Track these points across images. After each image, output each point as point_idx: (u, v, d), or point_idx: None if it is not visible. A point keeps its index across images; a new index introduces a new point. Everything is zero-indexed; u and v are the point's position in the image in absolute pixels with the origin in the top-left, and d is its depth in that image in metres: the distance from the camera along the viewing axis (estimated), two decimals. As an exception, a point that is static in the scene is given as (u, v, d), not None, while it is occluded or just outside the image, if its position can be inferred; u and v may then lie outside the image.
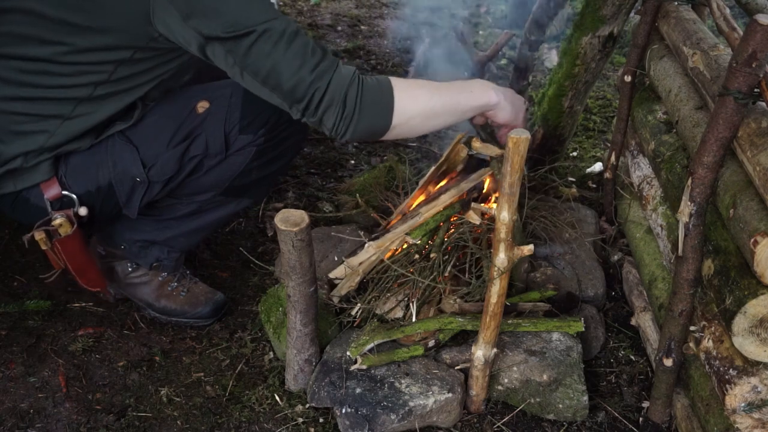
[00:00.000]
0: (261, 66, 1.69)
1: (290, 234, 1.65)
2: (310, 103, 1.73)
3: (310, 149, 3.12)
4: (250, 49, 1.67)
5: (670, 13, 2.14)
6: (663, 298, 1.96)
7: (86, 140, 1.89)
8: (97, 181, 1.92)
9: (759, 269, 1.43)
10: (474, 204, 1.98)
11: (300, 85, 1.70)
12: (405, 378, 1.87)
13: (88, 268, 2.06)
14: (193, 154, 1.93)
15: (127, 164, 1.90)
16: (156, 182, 1.94)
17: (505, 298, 1.74)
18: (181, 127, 1.91)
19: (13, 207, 1.95)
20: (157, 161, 1.92)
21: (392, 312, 2.02)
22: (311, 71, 1.70)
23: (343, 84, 1.73)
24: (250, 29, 1.65)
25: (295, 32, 1.70)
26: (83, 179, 1.92)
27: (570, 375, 1.91)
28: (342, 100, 1.73)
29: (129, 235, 2.15)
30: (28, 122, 1.83)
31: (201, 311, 2.20)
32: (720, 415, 1.67)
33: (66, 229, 1.91)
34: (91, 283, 2.09)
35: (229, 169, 1.98)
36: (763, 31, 1.40)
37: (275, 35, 1.67)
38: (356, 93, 1.74)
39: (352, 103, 1.74)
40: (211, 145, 1.93)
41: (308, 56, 1.70)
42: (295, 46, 1.69)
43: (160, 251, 2.16)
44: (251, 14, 1.66)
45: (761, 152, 1.48)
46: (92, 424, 1.89)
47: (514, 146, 1.50)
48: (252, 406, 1.95)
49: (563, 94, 2.57)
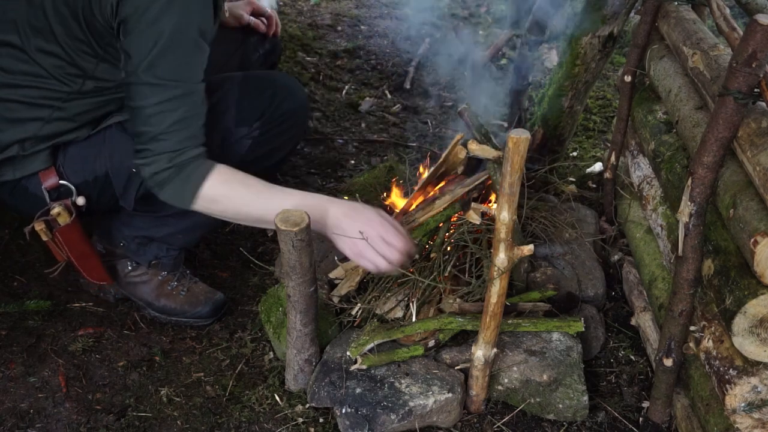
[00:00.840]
0: (133, 98, 1.76)
1: (290, 234, 1.65)
2: (138, 153, 1.79)
3: (310, 149, 3.12)
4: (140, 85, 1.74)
5: (670, 13, 2.14)
6: (663, 298, 1.96)
7: (83, 130, 1.92)
8: (94, 171, 1.94)
9: (759, 269, 1.43)
10: (474, 204, 1.98)
11: (143, 136, 1.77)
12: (405, 378, 1.87)
13: (91, 260, 2.08)
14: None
15: (123, 155, 1.92)
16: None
17: (505, 298, 1.74)
18: None
19: (12, 195, 1.97)
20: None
21: (392, 312, 2.02)
22: (160, 134, 1.75)
23: (169, 162, 1.77)
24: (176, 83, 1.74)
25: (185, 100, 1.76)
26: (81, 169, 1.94)
27: (570, 375, 1.91)
28: (154, 174, 1.78)
29: (128, 231, 2.15)
30: (20, 109, 1.87)
31: (200, 311, 2.20)
32: (720, 415, 1.67)
33: (65, 218, 1.93)
34: (95, 275, 2.11)
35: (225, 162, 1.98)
36: (763, 31, 1.40)
37: (168, 94, 1.74)
38: (168, 176, 1.78)
39: (160, 180, 1.78)
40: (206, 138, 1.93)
41: (168, 123, 1.75)
42: (174, 109, 1.75)
43: (159, 248, 2.17)
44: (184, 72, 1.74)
45: (761, 152, 1.48)
46: (92, 424, 1.89)
47: (514, 146, 1.49)
48: (252, 406, 1.95)
49: (563, 94, 2.57)
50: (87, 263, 2.07)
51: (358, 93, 3.58)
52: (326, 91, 3.58)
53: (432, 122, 3.40)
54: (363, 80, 3.71)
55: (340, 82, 3.68)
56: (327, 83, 3.64)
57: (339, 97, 3.54)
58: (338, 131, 3.27)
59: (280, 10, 4.46)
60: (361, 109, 3.45)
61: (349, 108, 3.46)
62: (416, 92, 3.63)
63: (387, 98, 3.57)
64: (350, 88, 3.63)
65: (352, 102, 3.49)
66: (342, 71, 3.77)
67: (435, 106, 3.53)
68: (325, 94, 3.56)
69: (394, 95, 3.60)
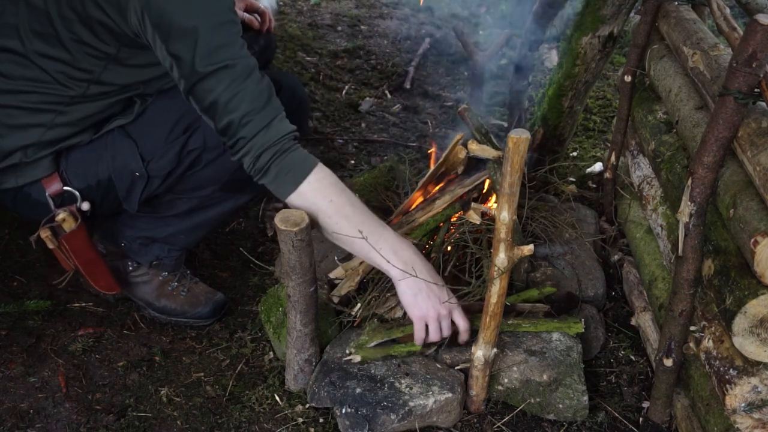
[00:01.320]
0: (204, 98, 1.71)
1: (290, 234, 1.65)
2: (233, 147, 1.74)
3: (309, 149, 3.10)
4: (202, 80, 1.69)
5: (670, 13, 2.14)
6: (663, 298, 1.96)
7: (86, 135, 1.91)
8: (97, 175, 1.93)
9: (759, 269, 1.43)
10: (474, 204, 1.98)
11: (230, 128, 1.71)
12: (405, 378, 1.87)
13: (98, 267, 2.07)
14: (191, 148, 1.94)
15: (126, 158, 1.91)
16: (155, 177, 1.95)
17: (505, 298, 1.74)
18: (180, 122, 1.92)
19: (15, 202, 1.97)
20: (155, 155, 1.92)
21: (392, 312, 2.02)
22: (242, 117, 1.70)
23: (264, 143, 1.72)
24: (232, 61, 1.68)
25: (248, 74, 1.71)
26: (83, 174, 1.93)
27: (570, 375, 1.91)
28: (257, 156, 1.73)
29: (129, 232, 2.15)
30: (22, 116, 1.85)
31: (200, 311, 2.20)
32: (720, 415, 1.67)
33: (70, 224, 1.92)
34: (104, 284, 2.10)
35: (227, 163, 1.95)
36: (763, 31, 1.40)
37: (232, 74, 1.69)
38: (270, 156, 1.73)
39: (264, 163, 1.73)
40: (208, 139, 1.92)
41: (246, 102, 1.70)
42: (244, 87, 1.70)
43: (161, 249, 2.17)
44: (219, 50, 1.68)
45: (761, 152, 1.48)
46: (92, 424, 1.89)
47: (514, 146, 1.49)
48: (252, 406, 1.95)
49: (563, 94, 2.57)
50: (94, 270, 2.06)
51: (358, 93, 3.58)
52: (326, 91, 3.58)
53: (432, 122, 3.40)
54: (363, 80, 3.71)
55: (340, 82, 3.68)
56: (327, 83, 3.64)
57: (339, 97, 3.54)
58: (338, 131, 3.27)
59: (280, 9, 4.46)
60: (361, 109, 3.45)
61: (349, 108, 3.46)
62: (416, 92, 3.63)
63: (387, 98, 3.57)
64: (350, 88, 3.63)
65: (352, 102, 3.49)
66: (342, 71, 3.77)
67: (435, 106, 3.53)
68: (325, 94, 3.56)
69: (394, 95, 3.60)
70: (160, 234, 2.14)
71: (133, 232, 2.15)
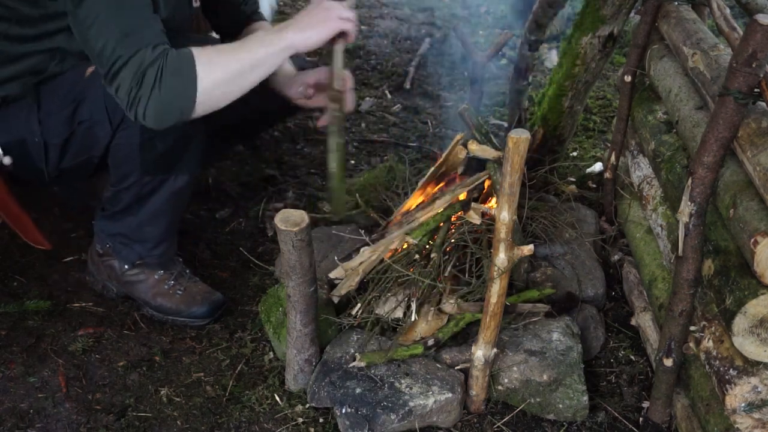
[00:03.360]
0: (83, 20, 1.71)
1: (290, 234, 1.65)
2: (109, 72, 1.72)
3: (309, 149, 3.12)
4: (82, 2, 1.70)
5: (670, 13, 2.14)
6: (663, 298, 1.96)
7: (14, 85, 1.93)
8: (12, 133, 1.96)
9: (759, 269, 1.43)
10: (474, 204, 1.98)
11: (105, 49, 1.70)
12: (405, 378, 1.87)
13: (23, 221, 2.09)
14: (80, 119, 1.94)
15: (30, 121, 1.95)
16: (51, 144, 1.97)
17: (505, 298, 1.75)
18: (71, 90, 1.93)
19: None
20: (49, 120, 1.95)
21: (392, 312, 2.02)
22: (120, 39, 1.68)
23: (144, 61, 1.69)
24: None
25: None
26: (5, 129, 1.96)
27: (570, 375, 1.91)
28: (140, 76, 1.69)
29: (107, 231, 2.18)
30: None
31: (196, 311, 2.20)
32: (720, 415, 1.67)
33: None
34: (31, 237, 2.12)
35: (127, 142, 1.94)
36: (763, 31, 1.40)
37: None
38: (156, 70, 1.69)
39: (150, 80, 1.69)
40: (94, 111, 1.91)
41: (124, 22, 1.69)
42: (120, 9, 1.70)
43: (142, 248, 2.17)
44: None
45: (761, 152, 1.48)
46: (92, 424, 1.89)
47: (513, 146, 1.50)
48: (252, 406, 1.95)
49: (563, 94, 2.57)
50: (20, 224, 2.09)
51: (358, 93, 3.58)
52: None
53: (432, 122, 3.40)
54: (363, 80, 3.71)
55: (340, 82, 3.67)
56: (327, 83, 3.63)
57: (339, 97, 3.54)
58: (338, 131, 3.26)
59: (280, 9, 4.47)
60: (361, 109, 3.45)
61: (349, 108, 3.46)
62: (416, 92, 3.63)
63: (387, 98, 3.57)
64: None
65: (352, 102, 3.49)
66: (342, 71, 3.77)
67: (435, 106, 3.53)
68: (325, 94, 3.55)
69: (394, 95, 3.60)
70: (127, 230, 2.15)
71: (108, 231, 2.17)
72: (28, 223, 2.12)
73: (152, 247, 2.18)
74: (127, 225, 2.14)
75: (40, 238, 2.15)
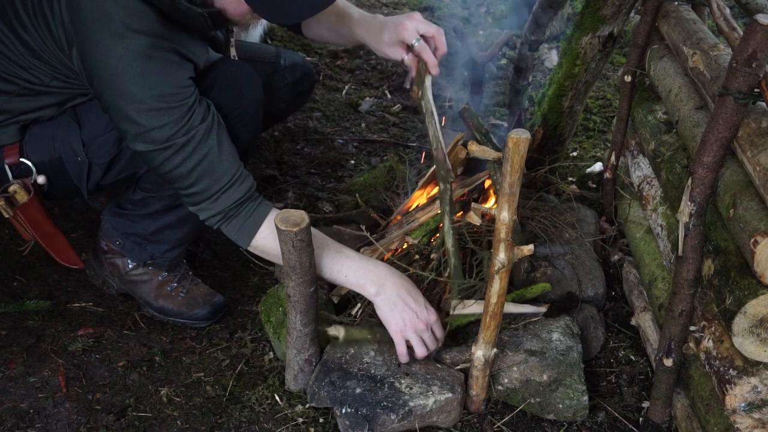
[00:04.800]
0: (167, 175, 1.81)
1: (290, 234, 1.65)
2: (193, 207, 1.86)
3: (310, 149, 3.12)
4: (163, 163, 1.78)
5: (670, 13, 2.14)
6: (663, 298, 1.96)
7: (48, 110, 1.94)
8: (50, 153, 1.97)
9: (759, 269, 1.43)
10: (474, 204, 1.98)
11: (193, 197, 1.84)
12: (405, 378, 1.87)
13: (57, 240, 2.09)
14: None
15: (71, 141, 1.95)
16: (96, 164, 1.98)
17: (505, 298, 1.74)
18: None
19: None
20: (95, 142, 1.95)
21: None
22: (186, 189, 1.82)
23: (212, 211, 1.84)
24: (166, 144, 1.75)
25: (187, 152, 1.77)
26: (40, 149, 1.96)
27: (570, 375, 1.91)
28: (204, 220, 1.86)
29: (121, 229, 2.17)
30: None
31: (198, 313, 2.20)
32: (720, 415, 1.67)
33: (22, 196, 1.95)
34: (65, 257, 2.12)
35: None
36: (763, 31, 1.40)
37: (185, 150, 1.76)
38: (218, 221, 1.85)
39: (213, 224, 1.86)
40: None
41: (185, 177, 1.79)
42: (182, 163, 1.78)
43: (154, 248, 2.17)
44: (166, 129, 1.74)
45: (761, 152, 1.48)
46: (92, 424, 1.89)
47: (514, 146, 1.49)
48: (252, 406, 1.95)
49: (563, 94, 2.57)
50: (53, 244, 2.09)
51: (358, 93, 3.58)
52: (326, 91, 3.58)
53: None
54: (363, 80, 3.71)
55: (340, 82, 3.68)
56: (327, 83, 3.64)
57: (339, 97, 3.54)
58: (338, 131, 3.27)
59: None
60: (361, 109, 3.45)
61: (349, 108, 3.46)
62: (416, 92, 3.63)
63: (387, 98, 3.57)
64: (350, 88, 3.63)
65: (352, 102, 3.50)
66: (342, 71, 3.77)
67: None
68: (325, 94, 3.56)
69: (394, 95, 3.60)
70: (146, 231, 2.15)
71: (123, 229, 2.17)
72: (62, 242, 2.11)
73: (167, 250, 2.19)
74: (145, 227, 2.14)
75: (74, 258, 2.14)
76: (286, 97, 2.45)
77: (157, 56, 1.71)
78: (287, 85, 2.44)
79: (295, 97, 2.50)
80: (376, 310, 1.87)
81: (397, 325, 1.85)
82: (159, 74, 1.72)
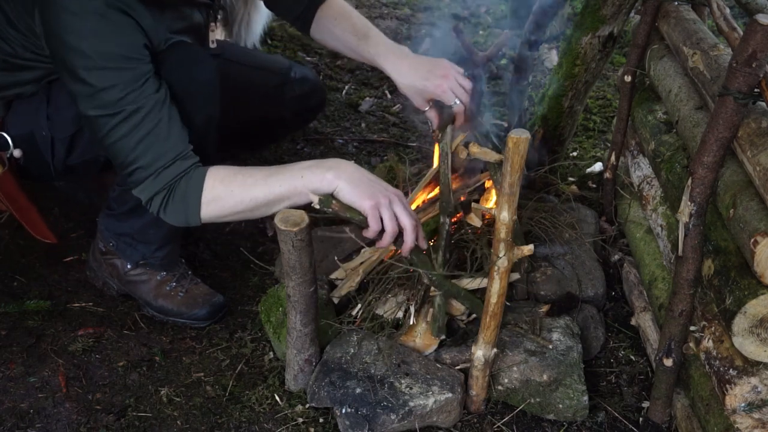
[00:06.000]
0: (114, 145, 1.79)
1: (290, 234, 1.65)
2: (129, 177, 1.83)
3: (310, 149, 3.12)
4: (111, 131, 1.77)
5: (670, 13, 2.14)
6: (663, 298, 1.96)
7: (29, 87, 1.97)
8: (25, 127, 1.99)
9: (759, 269, 1.43)
10: (474, 204, 1.98)
11: (119, 168, 1.83)
12: (405, 378, 1.87)
13: (31, 215, 2.13)
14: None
15: (39, 115, 1.97)
16: (58, 138, 2.00)
17: (505, 298, 1.75)
18: None
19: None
20: (57, 116, 1.98)
21: (393, 313, 2.02)
22: (129, 165, 1.79)
23: (153, 190, 1.80)
24: (116, 110, 1.74)
25: (135, 122, 1.75)
26: (19, 124, 1.99)
27: (570, 375, 1.91)
28: (147, 201, 1.83)
29: (113, 229, 2.19)
30: None
31: (197, 313, 2.20)
32: (720, 415, 1.67)
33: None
34: (38, 232, 2.16)
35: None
36: (763, 31, 1.40)
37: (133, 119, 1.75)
38: (160, 202, 1.81)
39: (158, 202, 1.82)
40: None
41: (130, 151, 1.77)
42: (128, 134, 1.76)
43: (146, 248, 2.18)
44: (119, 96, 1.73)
45: (761, 152, 1.48)
46: (92, 424, 1.89)
47: (514, 146, 1.50)
48: (252, 406, 1.95)
49: (563, 94, 2.57)
50: (27, 217, 2.12)
51: (358, 93, 3.58)
52: (326, 91, 3.58)
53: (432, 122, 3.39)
54: (363, 80, 3.70)
55: (340, 82, 3.68)
56: (327, 83, 3.63)
57: (339, 97, 3.54)
58: (338, 131, 3.27)
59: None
60: (361, 109, 3.45)
61: (349, 108, 3.46)
62: (416, 92, 3.62)
63: (387, 98, 3.57)
64: (350, 88, 3.63)
65: (352, 102, 3.49)
66: (342, 71, 3.77)
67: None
68: (325, 94, 3.56)
69: (394, 95, 3.60)
70: (134, 230, 2.16)
71: (114, 230, 2.18)
72: (35, 216, 2.15)
73: (156, 249, 2.19)
74: (132, 225, 2.15)
75: (46, 232, 2.19)
76: (293, 109, 2.45)
77: (112, 17, 1.72)
78: (295, 98, 2.44)
79: (302, 110, 2.51)
80: (341, 196, 1.72)
81: (371, 198, 1.71)
82: (111, 33, 1.73)
